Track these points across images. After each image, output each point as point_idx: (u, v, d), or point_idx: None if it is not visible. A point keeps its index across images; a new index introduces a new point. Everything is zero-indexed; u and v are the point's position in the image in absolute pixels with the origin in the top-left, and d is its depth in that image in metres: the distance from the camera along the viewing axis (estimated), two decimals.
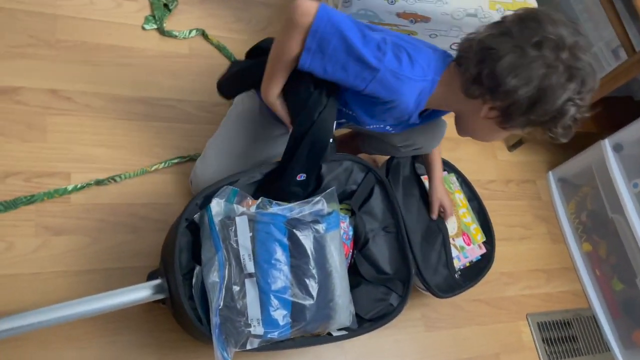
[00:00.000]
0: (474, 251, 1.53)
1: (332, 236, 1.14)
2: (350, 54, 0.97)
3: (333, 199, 1.20)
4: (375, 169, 1.29)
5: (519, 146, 1.97)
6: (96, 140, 1.35)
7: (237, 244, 1.06)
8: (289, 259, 1.08)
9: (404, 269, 1.29)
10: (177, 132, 1.45)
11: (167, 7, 1.60)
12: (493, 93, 0.97)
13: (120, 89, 1.44)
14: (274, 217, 1.11)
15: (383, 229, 1.30)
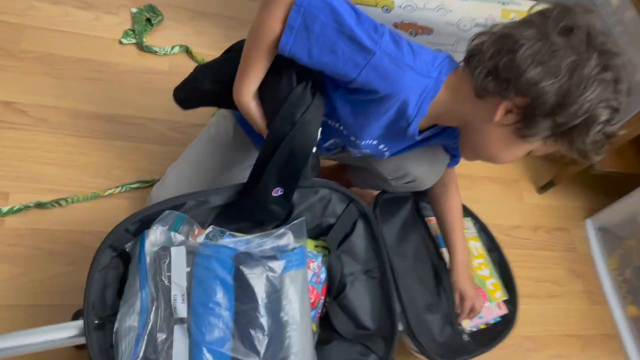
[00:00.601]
0: (491, 311, 1.26)
1: (293, 277, 0.91)
2: (341, 32, 0.79)
3: (301, 232, 0.97)
4: (359, 200, 1.07)
5: (550, 188, 1.70)
6: (47, 158, 1.20)
7: (170, 280, 0.85)
8: (232, 303, 0.85)
9: (387, 324, 1.04)
10: (142, 154, 1.29)
11: (150, 22, 1.47)
12: (512, 87, 0.79)
13: (85, 105, 1.30)
14: (218, 249, 0.90)
15: (365, 272, 1.06)
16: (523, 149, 0.88)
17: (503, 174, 1.72)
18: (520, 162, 1.76)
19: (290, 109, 0.87)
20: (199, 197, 0.95)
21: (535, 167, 1.77)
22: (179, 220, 0.93)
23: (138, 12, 1.47)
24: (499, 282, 1.30)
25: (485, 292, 1.26)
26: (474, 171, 1.67)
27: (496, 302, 1.27)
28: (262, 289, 0.87)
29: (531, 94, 0.78)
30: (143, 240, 0.88)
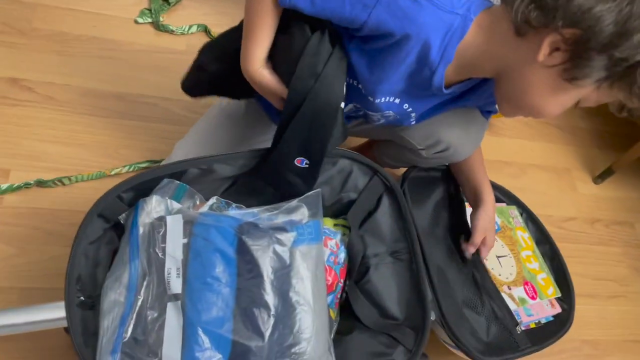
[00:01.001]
0: (542, 309, 1.09)
1: (305, 252, 0.79)
2: None
3: (317, 205, 0.85)
4: (384, 172, 0.93)
5: (608, 177, 1.52)
6: (51, 135, 1.12)
7: (164, 253, 0.74)
8: (234, 278, 0.74)
9: (418, 313, 0.89)
10: (153, 133, 1.20)
11: (167, 1, 1.40)
12: (559, 15, 0.64)
13: (94, 83, 1.22)
14: (220, 219, 0.79)
15: (391, 254, 0.92)
16: (572, 97, 0.73)
17: (553, 162, 1.55)
18: (572, 149, 1.59)
19: (309, 60, 0.76)
20: (201, 165, 0.84)
21: (590, 155, 1.59)
22: (181, 190, 0.83)
23: None
24: (550, 277, 1.14)
25: (536, 288, 1.10)
26: (521, 158, 1.51)
27: (548, 300, 1.10)
28: (268, 263, 0.76)
29: (583, 22, 0.64)
30: (137, 210, 0.78)
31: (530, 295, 1.09)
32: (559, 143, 1.59)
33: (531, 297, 1.09)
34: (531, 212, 1.23)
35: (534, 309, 1.08)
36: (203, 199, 0.85)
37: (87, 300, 0.76)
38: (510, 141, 1.54)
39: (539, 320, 1.08)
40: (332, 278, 0.88)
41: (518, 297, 1.08)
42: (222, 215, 0.82)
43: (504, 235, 1.16)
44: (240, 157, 0.85)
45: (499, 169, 1.47)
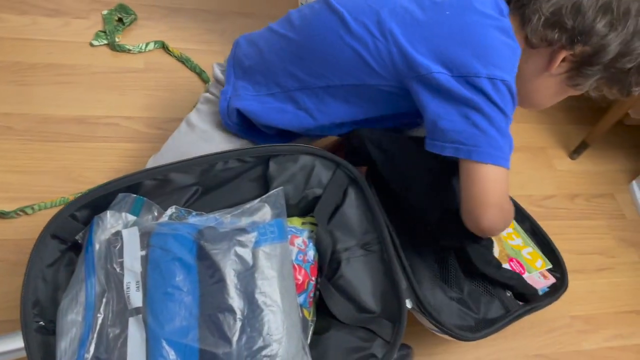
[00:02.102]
0: (534, 281, 1.06)
1: (269, 252, 0.76)
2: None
3: (280, 204, 0.84)
4: (347, 164, 0.92)
5: (583, 151, 1.51)
6: (11, 166, 1.10)
7: (122, 267, 0.72)
8: (195, 285, 0.72)
9: (394, 303, 0.87)
10: (118, 153, 1.19)
11: (122, 22, 1.39)
12: (575, 36, 0.78)
13: (53, 109, 1.21)
14: (177, 227, 0.77)
15: (362, 246, 0.90)
16: (568, 94, 0.88)
17: (527, 142, 1.54)
18: (545, 127, 1.58)
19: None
20: (156, 175, 0.82)
21: (563, 131, 1.58)
22: (138, 204, 0.81)
23: (109, 13, 1.39)
24: (537, 250, 1.12)
25: (522, 263, 1.08)
26: None
27: (538, 272, 1.08)
28: (230, 266, 0.73)
29: (596, 44, 0.77)
30: (92, 227, 0.76)
31: (518, 271, 1.06)
32: (531, 122, 1.58)
33: (519, 272, 1.06)
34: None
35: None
36: (161, 210, 0.83)
37: (48, 325, 0.74)
38: None
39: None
40: (302, 277, 0.86)
41: None
42: (180, 223, 0.80)
43: None
44: (196, 164, 0.84)
45: None
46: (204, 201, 0.87)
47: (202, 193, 0.86)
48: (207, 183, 0.86)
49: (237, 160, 0.87)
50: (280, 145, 0.90)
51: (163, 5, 1.47)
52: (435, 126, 0.79)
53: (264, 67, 0.95)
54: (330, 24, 0.86)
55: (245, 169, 0.88)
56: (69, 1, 1.40)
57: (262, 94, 0.95)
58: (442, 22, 0.79)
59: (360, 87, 0.87)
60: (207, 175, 0.86)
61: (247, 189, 0.89)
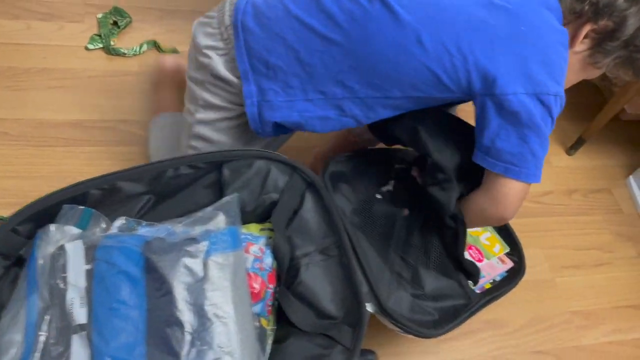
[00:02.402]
0: (492, 267, 1.07)
1: (222, 262, 0.73)
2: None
3: (235, 211, 0.81)
4: (303, 167, 0.89)
5: (579, 147, 1.51)
6: (6, 171, 1.10)
7: (66, 282, 0.69)
8: (143, 299, 0.69)
9: (355, 307, 0.83)
10: (114, 157, 1.18)
11: (117, 25, 1.39)
12: (599, 9, 0.81)
13: (49, 114, 1.20)
14: (124, 239, 0.74)
15: (321, 252, 0.87)
16: (587, 74, 0.90)
17: None
18: None
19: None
20: (102, 184, 0.78)
21: (559, 128, 1.58)
22: (86, 216, 0.77)
23: (103, 16, 1.39)
24: (495, 235, 1.13)
25: (481, 249, 1.09)
26: None
27: (497, 257, 1.09)
28: (178, 278, 0.70)
29: (616, 17, 0.80)
30: (35, 242, 0.72)
31: (477, 258, 1.07)
32: None
33: (477, 260, 1.07)
34: None
35: (484, 270, 1.05)
36: (109, 221, 0.79)
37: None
38: None
39: (493, 279, 1.06)
40: (259, 285, 0.83)
41: None
42: (127, 235, 0.76)
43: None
44: (144, 172, 0.81)
45: None
46: (158, 210, 0.85)
47: (155, 202, 0.84)
48: (160, 191, 0.84)
49: (188, 167, 0.84)
50: (233, 151, 0.87)
51: (158, 7, 1.47)
52: (493, 143, 0.82)
53: (302, 71, 0.86)
54: (400, 39, 0.80)
55: (198, 176, 0.85)
56: (63, 5, 1.40)
57: (298, 99, 0.88)
58: (523, 38, 0.79)
59: (424, 99, 0.85)
60: (158, 183, 0.83)
61: (202, 196, 0.86)
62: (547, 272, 1.29)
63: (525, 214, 1.37)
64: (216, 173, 0.86)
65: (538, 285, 1.26)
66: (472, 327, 1.16)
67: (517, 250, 1.10)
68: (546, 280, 1.27)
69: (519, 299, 1.22)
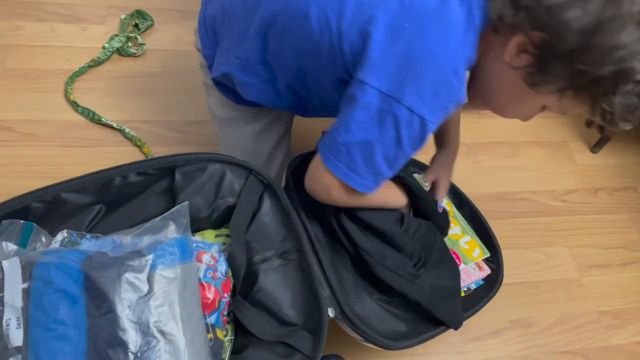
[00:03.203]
0: (468, 274, 1.02)
1: (169, 275, 0.70)
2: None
3: (185, 220, 0.78)
4: (259, 169, 0.86)
5: (604, 144, 1.49)
6: (32, 171, 1.11)
7: (2, 302, 0.65)
8: (83, 318, 0.65)
9: (315, 313, 0.80)
10: (139, 157, 1.19)
11: (137, 27, 1.40)
12: (529, 16, 0.64)
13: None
14: (62, 254, 0.69)
15: (280, 256, 0.84)
16: (534, 103, 0.74)
17: (548, 137, 1.52)
18: (565, 121, 1.56)
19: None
20: (44, 197, 0.74)
21: (583, 125, 1.56)
22: (27, 230, 0.73)
23: (125, 18, 1.39)
24: (475, 238, 1.07)
25: (459, 253, 1.03)
26: (514, 137, 1.49)
27: (474, 263, 1.03)
28: (121, 294, 0.66)
29: (551, 27, 0.63)
30: None
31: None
32: (550, 117, 1.56)
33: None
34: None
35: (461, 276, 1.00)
36: (49, 236, 0.75)
37: None
38: (502, 121, 1.49)
39: (467, 287, 1.01)
40: (212, 295, 0.78)
41: None
42: (67, 250, 0.73)
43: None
44: (88, 181, 0.78)
45: (493, 150, 1.45)
46: (110, 220, 0.81)
47: (106, 211, 0.80)
48: (110, 200, 0.80)
49: (137, 174, 0.81)
50: (184, 155, 0.83)
51: (179, 8, 1.47)
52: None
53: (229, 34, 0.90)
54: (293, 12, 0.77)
55: (149, 183, 0.82)
56: (85, 7, 1.41)
57: (225, 62, 0.90)
58: (403, 35, 0.68)
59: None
60: (106, 192, 0.80)
61: (155, 204, 0.83)
62: (574, 271, 1.27)
63: (550, 213, 1.37)
64: (169, 179, 0.82)
65: (565, 285, 1.24)
66: (499, 326, 1.15)
67: (496, 257, 1.05)
68: (573, 280, 1.25)
69: (546, 299, 1.21)
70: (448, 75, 0.68)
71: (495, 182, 1.39)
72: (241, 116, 1.00)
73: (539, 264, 1.27)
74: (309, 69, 0.81)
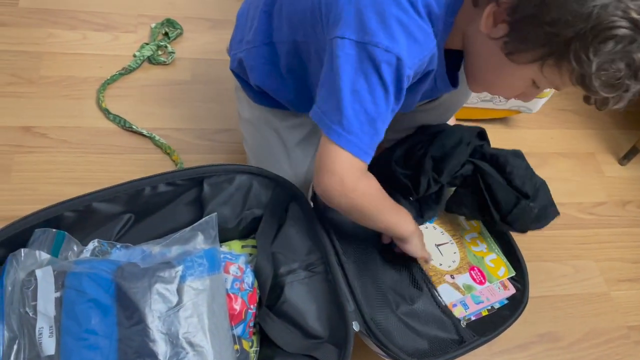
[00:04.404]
0: (493, 293, 1.00)
1: (198, 287, 0.71)
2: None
3: (214, 231, 0.79)
4: (286, 181, 0.87)
5: (633, 156, 1.47)
6: (67, 178, 1.13)
7: (35, 311, 0.66)
8: (113, 328, 0.66)
9: (341, 327, 0.80)
10: (169, 165, 1.20)
11: (167, 36, 1.42)
12: None
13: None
14: (95, 265, 0.71)
15: (306, 268, 0.85)
16: (519, 76, 0.69)
17: (575, 148, 1.51)
18: (593, 133, 1.55)
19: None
20: (76, 206, 0.76)
21: (612, 136, 1.55)
22: (59, 239, 0.75)
23: (156, 27, 1.42)
24: (501, 257, 1.05)
25: (484, 271, 1.02)
26: (541, 148, 1.48)
27: (500, 282, 1.02)
28: (151, 305, 0.67)
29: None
30: (5, 268, 0.69)
31: (478, 281, 1.00)
32: (578, 128, 1.55)
33: (479, 282, 1.00)
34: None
35: (483, 295, 0.99)
36: (81, 245, 0.77)
37: None
38: (528, 132, 1.51)
39: (491, 305, 0.99)
40: (239, 306, 0.79)
41: (463, 284, 0.99)
42: (99, 260, 0.75)
43: (443, 221, 1.08)
44: (119, 191, 0.80)
45: None
46: (139, 229, 0.83)
47: (135, 221, 0.82)
48: (140, 210, 0.82)
49: (167, 184, 0.82)
50: (212, 166, 0.85)
51: (208, 17, 1.49)
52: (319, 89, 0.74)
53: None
54: None
55: (178, 193, 0.84)
56: (117, 16, 1.43)
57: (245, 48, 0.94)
58: None
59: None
60: (136, 202, 0.81)
61: (183, 214, 0.84)
62: (602, 285, 1.26)
63: (578, 226, 1.35)
64: (197, 189, 0.84)
65: (593, 299, 1.23)
66: (526, 340, 1.14)
67: (522, 276, 1.02)
68: (601, 294, 1.24)
69: (573, 313, 1.19)
70: (410, 12, 0.67)
71: None
72: (263, 116, 1.01)
73: (567, 277, 1.25)
74: (300, 40, 0.81)
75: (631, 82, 0.60)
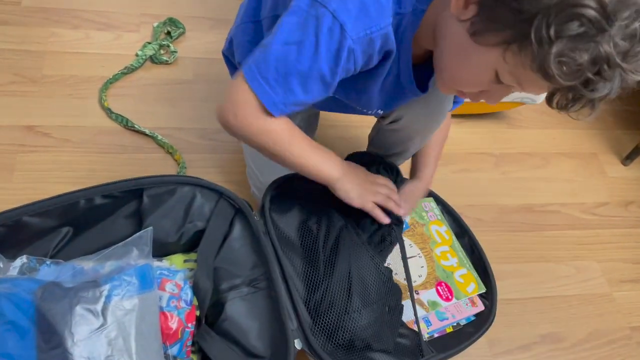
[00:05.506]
0: (459, 309, 0.97)
1: (125, 307, 0.68)
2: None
3: (148, 246, 0.76)
4: (230, 193, 0.84)
5: (636, 157, 1.47)
6: (70, 177, 1.13)
7: None
8: (32, 352, 0.62)
9: (283, 345, 0.76)
10: (171, 164, 1.20)
11: (170, 35, 1.42)
12: None
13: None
14: (17, 284, 0.67)
15: (249, 283, 0.82)
16: (481, 62, 0.64)
17: (578, 148, 1.51)
18: (596, 133, 1.55)
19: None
20: (5, 221, 0.71)
21: (614, 137, 1.55)
22: None
23: (158, 26, 1.42)
24: (472, 272, 1.02)
25: (452, 287, 0.98)
26: (544, 148, 1.48)
27: (468, 298, 0.98)
28: (71, 328, 0.64)
29: None
30: None
31: (445, 297, 0.97)
32: (581, 128, 1.55)
33: (445, 299, 0.96)
34: (446, 203, 1.11)
35: (448, 312, 0.96)
36: (7, 261, 0.72)
37: None
38: (531, 132, 1.51)
39: (457, 322, 0.97)
40: (175, 325, 0.75)
41: (428, 301, 0.95)
42: (22, 279, 0.70)
43: (414, 233, 1.04)
44: (50, 205, 0.75)
45: (522, 161, 1.44)
46: (77, 243, 0.79)
47: (73, 234, 0.78)
48: (77, 223, 0.78)
49: (103, 196, 0.79)
50: (151, 177, 0.81)
51: (211, 16, 1.49)
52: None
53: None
54: None
55: (118, 205, 0.80)
56: (119, 15, 1.44)
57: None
58: None
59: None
60: (72, 216, 0.77)
61: (123, 227, 0.81)
62: (605, 286, 1.26)
63: (580, 226, 1.35)
64: (137, 202, 0.80)
65: (595, 300, 1.23)
66: (528, 340, 1.14)
67: (491, 294, 0.99)
68: (604, 295, 1.24)
69: (576, 313, 1.19)
70: None
71: (524, 193, 1.38)
72: None
73: (569, 277, 1.25)
74: (281, 14, 0.78)
75: (593, 77, 0.55)
